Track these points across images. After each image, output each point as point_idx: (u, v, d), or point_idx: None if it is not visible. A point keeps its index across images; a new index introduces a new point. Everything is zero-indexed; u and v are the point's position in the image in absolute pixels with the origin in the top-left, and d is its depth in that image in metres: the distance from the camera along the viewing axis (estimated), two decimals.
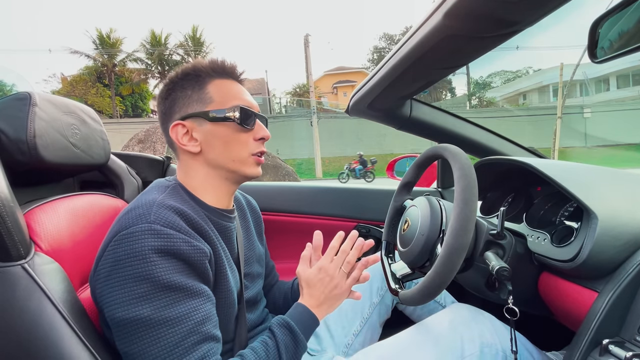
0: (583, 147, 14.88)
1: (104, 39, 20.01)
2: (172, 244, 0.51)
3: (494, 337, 0.63)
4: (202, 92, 0.62)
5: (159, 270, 0.49)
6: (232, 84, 0.65)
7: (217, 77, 0.63)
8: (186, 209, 0.56)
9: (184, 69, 0.64)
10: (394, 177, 1.50)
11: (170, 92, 0.63)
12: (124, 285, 0.48)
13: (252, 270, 0.74)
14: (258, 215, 0.85)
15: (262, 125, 0.66)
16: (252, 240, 0.77)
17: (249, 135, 0.64)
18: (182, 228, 0.53)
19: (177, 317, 0.49)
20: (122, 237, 0.50)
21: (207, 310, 0.53)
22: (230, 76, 0.65)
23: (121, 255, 0.49)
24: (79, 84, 19.51)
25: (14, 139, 0.63)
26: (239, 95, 0.64)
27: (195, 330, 0.50)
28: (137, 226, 0.51)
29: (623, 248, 0.56)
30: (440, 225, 0.65)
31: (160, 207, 0.54)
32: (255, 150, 0.64)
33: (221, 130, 0.61)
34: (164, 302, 0.49)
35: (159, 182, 0.63)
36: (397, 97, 0.92)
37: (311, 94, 14.64)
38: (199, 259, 0.53)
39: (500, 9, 0.48)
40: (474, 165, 0.61)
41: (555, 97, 17.69)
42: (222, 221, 0.64)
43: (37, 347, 0.46)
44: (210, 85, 0.62)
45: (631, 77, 18.05)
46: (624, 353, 0.48)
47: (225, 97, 0.62)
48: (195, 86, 0.62)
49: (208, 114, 0.61)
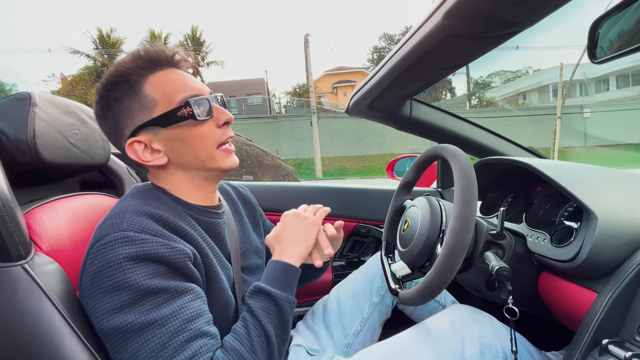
0: (583, 147, 14.88)
1: (104, 38, 20.00)
2: (148, 248, 0.49)
3: (494, 337, 0.63)
4: (141, 97, 0.55)
5: (136, 277, 0.47)
6: (169, 74, 0.57)
7: (149, 72, 0.56)
8: (162, 213, 0.54)
9: (109, 78, 0.56)
10: (394, 177, 1.50)
11: (107, 110, 0.57)
12: (105, 297, 0.47)
13: (251, 263, 0.73)
14: (252, 205, 0.83)
15: (220, 107, 0.60)
16: (247, 232, 0.76)
17: (210, 124, 0.58)
18: (157, 232, 0.51)
19: (162, 318, 0.48)
20: (97, 249, 0.49)
21: (196, 307, 0.51)
22: (163, 66, 0.57)
23: (97, 267, 0.48)
24: (79, 84, 19.49)
25: (14, 139, 0.63)
26: (182, 86, 0.57)
27: (183, 328, 0.48)
28: (110, 236, 0.49)
29: (623, 248, 0.57)
30: (440, 226, 0.65)
31: (132, 213, 0.52)
32: (222, 138, 0.59)
33: (178, 132, 0.56)
34: (148, 307, 0.47)
35: (135, 188, 0.60)
36: (397, 97, 0.92)
37: (311, 94, 14.63)
38: (179, 260, 0.51)
39: (500, 9, 0.48)
40: (473, 165, 0.61)
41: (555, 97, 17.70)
42: (208, 218, 0.62)
43: (37, 347, 0.46)
44: (145, 85, 0.55)
45: (631, 77, 18.05)
46: (624, 353, 0.48)
47: (168, 94, 0.55)
48: (131, 93, 0.55)
49: (157, 119, 0.55)
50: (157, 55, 0.57)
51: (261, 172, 5.75)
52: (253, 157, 5.78)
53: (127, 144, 0.56)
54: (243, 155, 5.69)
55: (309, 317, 0.86)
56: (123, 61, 0.56)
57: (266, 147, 6.17)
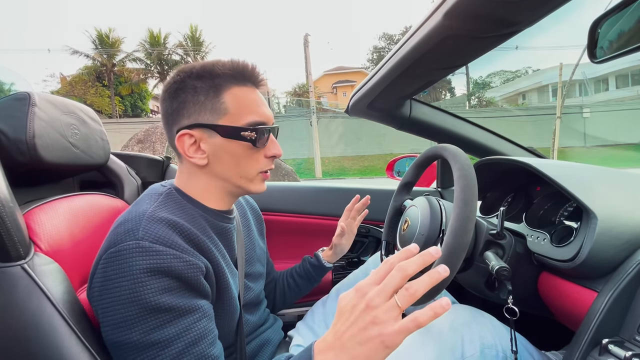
0: (582, 147, 14.89)
1: (103, 38, 19.99)
2: (162, 261, 0.48)
3: (494, 337, 0.63)
4: (217, 101, 0.56)
5: (147, 292, 0.47)
6: (251, 93, 0.59)
7: (236, 83, 0.58)
8: (179, 220, 0.53)
9: (200, 69, 0.57)
10: (394, 177, 1.50)
11: (180, 92, 0.57)
12: (113, 308, 0.47)
13: (254, 270, 0.74)
14: (258, 214, 0.85)
15: (275, 140, 0.62)
16: (253, 240, 0.77)
17: (261, 152, 0.60)
18: (173, 243, 0.50)
19: (166, 339, 0.47)
20: (110, 255, 0.49)
21: (202, 327, 0.50)
22: (249, 82, 0.60)
23: (110, 274, 0.48)
24: (78, 84, 19.48)
25: (14, 139, 0.62)
26: (256, 108, 0.58)
27: (186, 351, 0.48)
28: (125, 243, 0.49)
29: (622, 248, 0.57)
30: (440, 225, 0.65)
31: (149, 220, 0.51)
32: (265, 167, 0.61)
33: (233, 147, 0.57)
34: (153, 325, 0.47)
35: (152, 189, 0.61)
36: (397, 97, 0.92)
37: (311, 93, 14.63)
38: (192, 275, 0.50)
39: (500, 9, 0.48)
40: (473, 165, 0.61)
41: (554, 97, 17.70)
42: (221, 223, 0.63)
43: (37, 347, 0.46)
44: (227, 93, 0.57)
45: (630, 77, 18.07)
46: (624, 352, 0.48)
47: (242, 110, 0.57)
48: (210, 92, 0.56)
49: (221, 128, 0.56)
50: (251, 72, 0.59)
51: None
52: None
53: (179, 133, 0.57)
54: None
55: (309, 317, 0.86)
56: (220, 64, 0.58)
57: None
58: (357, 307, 0.39)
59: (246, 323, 0.69)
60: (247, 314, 0.70)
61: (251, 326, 0.70)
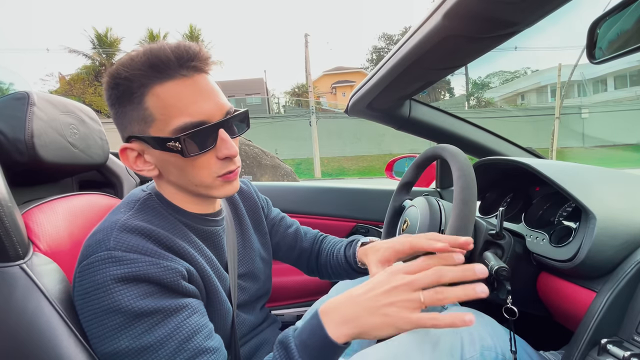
0: (581, 147, 14.93)
1: (102, 38, 19.96)
2: (137, 269, 0.45)
3: (494, 340, 0.63)
4: (140, 109, 0.48)
5: (126, 299, 0.44)
6: (178, 88, 0.47)
7: (156, 80, 0.47)
8: (154, 228, 0.50)
9: (111, 75, 0.49)
10: (393, 177, 1.50)
11: (110, 104, 0.51)
12: (96, 321, 0.45)
13: (251, 269, 0.71)
14: (253, 201, 0.77)
15: (226, 138, 0.50)
16: (248, 236, 0.72)
17: (210, 155, 0.51)
18: (147, 250, 0.47)
19: (158, 341, 0.45)
20: (83, 268, 0.47)
21: (194, 323, 0.48)
22: (176, 73, 0.47)
23: (86, 287, 0.46)
24: (77, 84, 19.43)
25: (12, 139, 0.62)
26: (186, 106, 0.47)
27: (181, 348, 0.46)
28: (97, 255, 0.46)
29: (621, 248, 0.57)
30: (439, 225, 0.65)
31: (121, 230, 0.48)
32: (221, 171, 0.52)
33: (170, 158, 0.50)
34: (141, 330, 0.45)
35: (131, 195, 0.57)
36: (396, 98, 0.92)
37: (310, 94, 14.64)
38: (171, 279, 0.47)
39: (499, 10, 0.48)
40: (472, 165, 0.61)
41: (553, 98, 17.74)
42: (205, 227, 0.59)
43: (36, 347, 0.46)
44: (148, 96, 0.47)
45: (629, 77, 18.12)
46: (622, 352, 0.48)
47: (167, 113, 0.47)
48: (133, 100, 0.48)
49: (151, 140, 0.49)
50: (170, 60, 0.47)
51: (260, 172, 5.74)
52: (252, 157, 5.77)
53: (120, 149, 0.52)
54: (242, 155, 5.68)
55: None
56: (133, 61, 0.47)
57: (265, 147, 6.16)
58: (382, 285, 0.41)
59: (243, 323, 0.67)
60: (243, 313, 0.68)
61: (248, 326, 0.69)
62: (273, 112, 23.32)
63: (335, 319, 0.43)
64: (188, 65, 0.48)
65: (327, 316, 0.44)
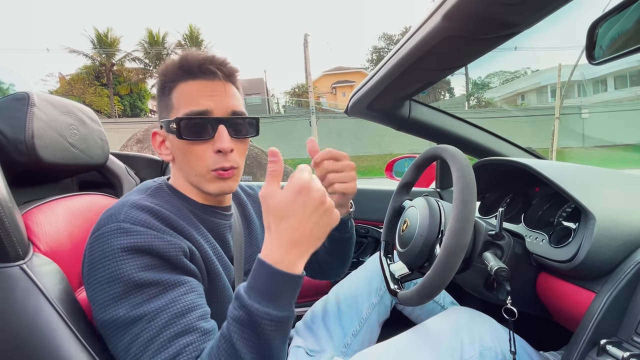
0: (581, 147, 14.92)
1: (102, 38, 19.95)
2: (142, 240, 0.49)
3: (493, 340, 0.63)
4: (167, 100, 0.59)
5: (129, 269, 0.48)
6: (197, 85, 0.57)
7: (182, 79, 0.57)
8: (162, 209, 0.54)
9: (158, 72, 0.60)
10: (393, 178, 1.50)
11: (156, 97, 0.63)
12: (100, 288, 0.48)
13: None
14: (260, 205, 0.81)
15: (223, 133, 0.56)
16: (255, 236, 0.74)
17: (207, 146, 0.57)
18: (152, 225, 0.51)
19: (152, 311, 0.47)
20: (94, 239, 0.50)
21: (189, 300, 0.49)
22: (197, 76, 0.57)
23: (94, 257, 0.49)
24: (77, 84, 19.42)
25: (13, 139, 0.62)
26: (194, 99, 0.56)
27: (173, 322, 0.47)
28: (107, 226, 0.50)
29: (620, 249, 0.57)
30: (439, 226, 0.65)
31: (131, 207, 0.52)
32: (214, 165, 0.57)
33: (178, 142, 0.57)
34: (138, 300, 0.47)
35: (144, 184, 0.62)
36: (396, 98, 0.92)
37: (310, 94, 14.64)
38: (173, 254, 0.51)
39: (499, 11, 0.48)
40: (472, 166, 0.61)
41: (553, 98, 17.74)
42: (212, 218, 0.62)
43: (36, 347, 0.46)
44: (175, 90, 0.58)
45: (629, 78, 18.12)
46: (622, 353, 0.48)
47: (181, 103, 0.57)
48: (164, 91, 0.59)
49: (164, 123, 0.58)
50: (194, 65, 0.57)
51: (260, 173, 5.74)
52: (252, 157, 5.77)
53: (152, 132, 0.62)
54: None
55: (308, 317, 0.86)
56: (168, 64, 0.59)
57: (265, 148, 6.16)
58: (309, 204, 0.45)
59: None
60: None
61: None
62: (273, 112, 23.30)
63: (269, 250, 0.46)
64: (209, 69, 0.57)
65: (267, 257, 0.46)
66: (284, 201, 0.45)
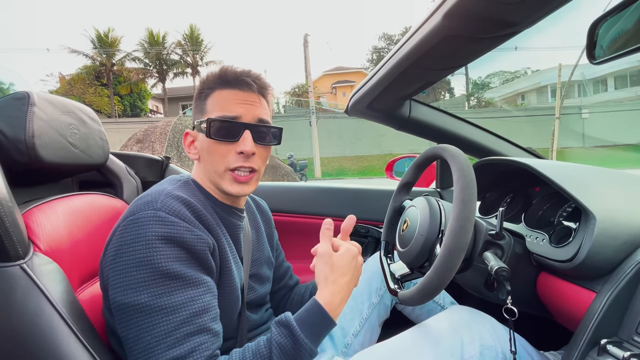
0: (581, 147, 14.92)
1: (102, 38, 19.96)
2: (175, 231, 0.52)
3: (493, 339, 0.63)
4: (203, 104, 0.64)
5: (160, 257, 0.50)
6: (231, 94, 0.62)
7: (219, 87, 0.63)
8: (192, 201, 0.58)
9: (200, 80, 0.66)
10: (393, 178, 1.50)
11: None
12: (126, 270, 0.50)
13: (261, 272, 0.75)
14: (268, 219, 0.86)
15: (247, 137, 0.61)
16: (262, 242, 0.78)
17: (231, 147, 0.61)
18: (186, 217, 0.55)
19: (173, 305, 0.50)
20: (129, 222, 0.53)
21: (206, 301, 0.53)
22: (233, 86, 0.62)
23: (127, 239, 0.51)
24: (77, 84, 19.42)
25: (13, 139, 0.62)
26: (227, 105, 0.61)
27: (189, 321, 0.50)
28: (144, 212, 0.53)
29: (621, 248, 0.57)
30: (439, 226, 0.65)
31: (167, 196, 0.56)
32: (232, 164, 0.61)
33: (208, 142, 0.62)
34: (162, 290, 0.50)
35: (171, 177, 0.66)
36: (397, 98, 0.92)
37: (310, 94, 14.64)
38: (201, 249, 0.54)
39: (500, 10, 0.48)
40: (472, 165, 0.61)
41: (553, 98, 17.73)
42: (230, 217, 0.66)
43: (36, 347, 0.46)
44: (211, 97, 0.63)
45: (629, 78, 18.11)
46: (622, 353, 0.48)
47: (214, 108, 0.62)
48: (201, 96, 0.64)
49: (196, 124, 0.64)
50: (231, 76, 0.63)
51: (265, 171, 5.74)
52: None
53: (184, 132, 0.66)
54: None
55: None
56: (210, 73, 0.64)
57: None
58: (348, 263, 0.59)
59: (247, 320, 0.69)
60: (249, 311, 0.70)
61: (251, 324, 0.71)
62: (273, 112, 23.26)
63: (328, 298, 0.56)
64: (245, 81, 0.62)
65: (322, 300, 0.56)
66: (345, 261, 0.59)
